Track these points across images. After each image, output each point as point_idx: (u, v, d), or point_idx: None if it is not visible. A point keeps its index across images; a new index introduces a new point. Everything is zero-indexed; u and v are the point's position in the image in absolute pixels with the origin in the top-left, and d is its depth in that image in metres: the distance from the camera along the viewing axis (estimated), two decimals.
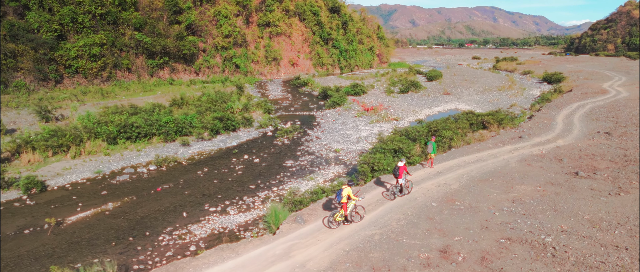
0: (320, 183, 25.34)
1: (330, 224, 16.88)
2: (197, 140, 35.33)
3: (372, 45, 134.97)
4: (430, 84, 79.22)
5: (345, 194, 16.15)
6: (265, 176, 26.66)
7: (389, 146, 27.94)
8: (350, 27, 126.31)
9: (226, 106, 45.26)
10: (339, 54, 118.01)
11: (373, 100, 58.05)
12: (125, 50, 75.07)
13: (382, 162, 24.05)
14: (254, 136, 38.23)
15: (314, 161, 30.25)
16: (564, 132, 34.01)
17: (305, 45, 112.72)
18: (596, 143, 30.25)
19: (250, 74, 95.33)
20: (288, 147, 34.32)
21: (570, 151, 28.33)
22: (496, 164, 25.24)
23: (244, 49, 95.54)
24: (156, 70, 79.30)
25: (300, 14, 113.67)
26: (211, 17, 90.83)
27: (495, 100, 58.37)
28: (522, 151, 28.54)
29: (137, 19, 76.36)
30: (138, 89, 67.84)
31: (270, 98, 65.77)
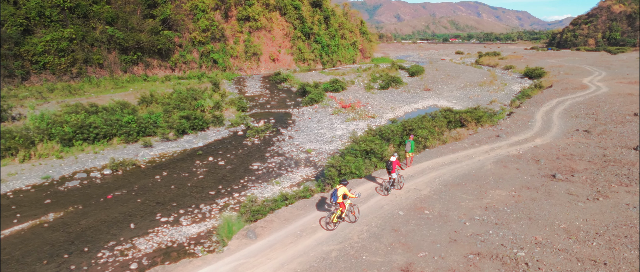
0: (286, 188, 23.77)
1: (327, 226, 16.45)
2: (161, 141, 33.43)
3: (355, 40, 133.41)
4: (412, 80, 78.10)
5: (340, 194, 15.84)
6: (227, 181, 24.98)
7: (361, 147, 26.52)
8: (332, 22, 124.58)
9: (196, 104, 43.30)
10: (321, 49, 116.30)
11: (351, 96, 56.58)
12: (97, 45, 72.25)
13: (350, 165, 22.55)
14: (223, 136, 36.45)
15: (283, 163, 28.64)
16: (542, 131, 32.94)
17: (286, 40, 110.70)
18: (575, 142, 29.19)
19: (229, 70, 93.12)
20: (257, 148, 32.65)
21: (548, 150, 27.20)
22: (471, 166, 23.94)
23: (223, 44, 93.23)
24: (130, 66, 76.64)
25: (281, 8, 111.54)
26: (188, 11, 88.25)
27: (475, 96, 57.36)
28: (499, 151, 27.32)
29: (108, 12, 73.54)
30: (109, 86, 65.36)
31: (247, 94, 63.95)
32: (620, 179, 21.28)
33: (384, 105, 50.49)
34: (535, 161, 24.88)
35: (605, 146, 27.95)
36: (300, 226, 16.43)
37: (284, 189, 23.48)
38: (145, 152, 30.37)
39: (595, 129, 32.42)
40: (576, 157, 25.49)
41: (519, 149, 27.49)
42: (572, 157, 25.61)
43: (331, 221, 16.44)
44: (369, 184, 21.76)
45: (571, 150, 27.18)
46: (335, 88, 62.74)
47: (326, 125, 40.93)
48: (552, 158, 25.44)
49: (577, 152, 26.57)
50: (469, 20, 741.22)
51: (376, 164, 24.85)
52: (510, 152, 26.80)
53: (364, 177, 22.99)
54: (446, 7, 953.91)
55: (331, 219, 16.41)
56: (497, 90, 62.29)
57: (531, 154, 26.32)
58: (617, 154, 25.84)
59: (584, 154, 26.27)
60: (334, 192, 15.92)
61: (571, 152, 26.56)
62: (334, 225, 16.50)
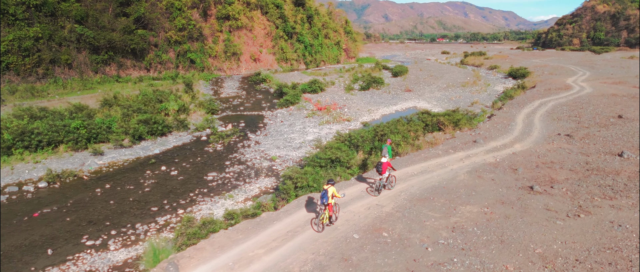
0: (239, 202, 21.43)
1: (317, 227, 16.09)
2: (114, 147, 30.84)
3: (339, 40, 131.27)
4: (394, 80, 76.22)
5: (330, 194, 15.55)
6: (176, 194, 22.55)
7: (326, 155, 24.29)
8: (315, 21, 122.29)
9: (160, 107, 40.73)
10: (304, 48, 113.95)
11: (329, 98, 54.38)
12: (65, 44, 69.06)
13: (306, 177, 20.27)
14: (184, 142, 33.98)
15: (242, 173, 26.28)
16: (522, 135, 31.00)
17: (268, 39, 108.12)
18: (556, 148, 27.26)
19: (208, 70, 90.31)
20: (218, 155, 30.24)
21: (528, 157, 25.21)
22: (442, 177, 21.81)
23: (201, 44, 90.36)
24: (101, 66, 73.51)
25: (263, 6, 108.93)
26: (163, 9, 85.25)
27: (457, 97, 55.50)
28: (474, 158, 25.26)
29: (78, 10, 70.38)
30: (77, 87, 62.33)
31: (222, 96, 61.39)
32: (603, 191, 19.32)
33: (362, 108, 48.34)
34: (512, 170, 22.85)
35: (588, 151, 26.06)
36: (236, 255, 14.08)
37: (237, 204, 21.16)
38: (93, 161, 27.77)
39: (578, 133, 30.56)
40: (557, 166, 23.52)
41: (497, 156, 25.45)
42: (552, 165, 23.63)
43: (321, 222, 16.03)
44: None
45: (552, 157, 25.22)
46: (314, 89, 60.47)
47: (298, 129, 38.66)
48: (531, 166, 23.44)
49: (558, 160, 24.61)
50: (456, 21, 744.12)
51: (340, 175, 22.62)
52: (487, 160, 24.74)
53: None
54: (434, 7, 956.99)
55: (321, 221, 16.02)
56: (479, 91, 60.54)
57: (509, 162, 24.30)
58: (600, 161, 23.93)
59: (565, 161, 24.32)
60: (324, 193, 15.58)
61: (552, 160, 24.59)
62: (323, 226, 16.10)
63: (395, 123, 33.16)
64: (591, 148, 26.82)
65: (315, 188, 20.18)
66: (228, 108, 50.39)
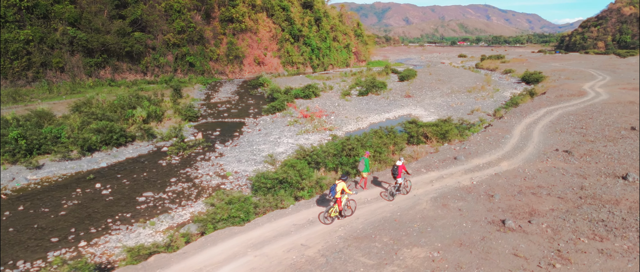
0: (159, 231, 18.23)
1: (325, 220, 16.47)
2: (59, 160, 28.04)
3: (349, 43, 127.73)
4: (399, 85, 72.37)
5: (339, 189, 16.00)
6: (92, 220, 19.48)
7: (274, 175, 20.95)
8: (324, 24, 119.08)
9: (127, 113, 38.02)
10: (311, 52, 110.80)
11: (319, 104, 51.00)
12: (57, 47, 67.50)
13: (229, 208, 16.90)
14: (141, 153, 31.05)
15: (183, 193, 23.11)
16: (514, 150, 27.02)
17: (273, 42, 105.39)
18: (549, 167, 23.27)
19: (208, 74, 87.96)
20: (169, 170, 27.17)
21: (511, 180, 21.34)
22: (399, 205, 18.20)
23: (201, 47, 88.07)
24: (95, 69, 71.76)
25: (268, 9, 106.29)
26: (162, 11, 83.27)
27: (458, 104, 51.40)
28: (448, 180, 21.51)
29: (71, 13, 68.83)
30: (65, 91, 60.42)
31: (213, 101, 58.63)
32: (594, 228, 15.46)
33: (351, 115, 44.78)
34: (488, 197, 19.06)
35: (587, 172, 22.01)
36: None
37: (155, 234, 17.95)
38: (24, 176, 25.01)
39: (579, 149, 26.43)
40: (544, 191, 19.61)
41: (474, 178, 21.64)
42: (538, 190, 19.73)
43: (329, 215, 16.45)
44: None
45: (541, 179, 21.28)
46: (307, 94, 57.17)
47: (272, 139, 35.40)
48: (511, 192, 19.59)
49: (548, 183, 20.68)
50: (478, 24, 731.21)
51: (282, 200, 19.20)
52: (462, 183, 20.97)
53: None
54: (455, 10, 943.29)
55: (329, 214, 16.43)
56: (485, 98, 56.24)
57: (487, 186, 20.48)
58: (598, 185, 19.93)
59: (555, 185, 20.38)
60: (332, 187, 16.00)
61: (539, 183, 20.67)
62: (331, 219, 16.54)
63: (372, 135, 29.58)
64: (591, 168, 22.76)
65: (242, 219, 16.82)
66: (212, 114, 47.50)
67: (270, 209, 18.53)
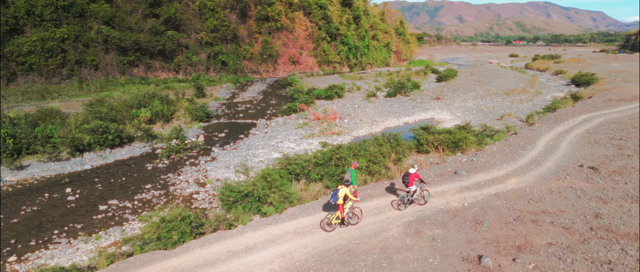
0: (101, 246, 16.62)
1: (326, 227, 15.62)
2: (46, 160, 27.41)
3: (389, 42, 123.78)
4: (434, 86, 68.50)
5: (341, 195, 15.11)
6: (40, 230, 18.22)
7: (239, 188, 18.92)
8: (363, 22, 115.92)
9: (132, 113, 37.33)
10: (348, 50, 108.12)
11: (337, 106, 48.52)
12: (92, 45, 69.05)
13: (160, 227, 14.96)
14: (132, 155, 30.02)
15: (149, 202, 21.54)
16: (530, 165, 23.45)
17: (309, 41, 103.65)
18: (564, 187, 19.73)
19: (241, 72, 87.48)
20: (150, 175, 25.82)
21: (512, 202, 18.10)
22: (363, 231, 15.58)
23: (235, 45, 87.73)
24: (128, 67, 72.94)
25: (305, 7, 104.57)
26: (196, 10, 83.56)
27: (490, 108, 47.25)
28: (436, 200, 18.56)
29: (106, 11, 70.16)
30: (94, 88, 61.42)
31: (237, 100, 57.59)
32: None
33: (367, 118, 42.04)
34: (475, 224, 16.04)
35: (609, 196, 18.37)
36: None
37: (95, 250, 16.34)
38: (3, 177, 24.40)
39: (610, 165, 22.52)
40: (547, 218, 16.32)
41: (467, 199, 18.55)
42: (541, 217, 16.47)
43: (330, 221, 15.63)
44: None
45: (549, 203, 17.91)
46: (329, 95, 54.85)
47: (274, 143, 33.43)
48: (506, 218, 16.45)
49: (555, 208, 17.31)
50: (536, 22, 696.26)
51: (239, 218, 17.10)
52: (450, 204, 17.98)
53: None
54: (512, 7, 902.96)
55: (330, 220, 15.63)
56: (523, 101, 51.52)
57: (479, 209, 17.40)
58: (619, 214, 16.39)
59: (565, 211, 17.00)
60: (334, 193, 15.13)
61: (545, 208, 17.33)
62: (332, 226, 15.69)
63: (371, 142, 26.94)
64: (617, 190, 19.04)
65: (175, 241, 14.85)
66: (227, 115, 46.27)
67: (222, 228, 16.49)
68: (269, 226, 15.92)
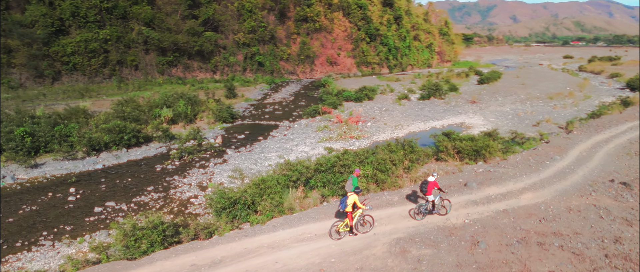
0: (82, 250, 16.37)
1: (334, 235, 15.06)
2: (61, 159, 27.93)
3: (431, 42, 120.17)
4: (474, 89, 65.61)
5: (350, 202, 14.64)
6: (31, 230, 18.25)
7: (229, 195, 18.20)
8: (404, 22, 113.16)
9: (154, 113, 37.70)
10: (388, 51, 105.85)
11: (363, 109, 47.11)
12: (133, 46, 71.22)
13: (126, 239, 14.38)
14: (146, 155, 30.15)
15: (146, 205, 21.25)
16: (553, 177, 21.25)
17: (347, 42, 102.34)
18: (586, 204, 17.62)
19: (277, 73, 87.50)
20: (157, 176, 25.69)
21: (521, 220, 16.27)
22: (342, 248, 14.35)
23: (272, 46, 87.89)
24: (167, 67, 74.67)
25: (345, 7, 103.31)
26: (234, 11, 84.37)
27: (528, 113, 44.30)
28: (435, 215, 17.00)
29: (147, 13, 72.12)
30: (132, 88, 63.07)
31: (268, 101, 57.41)
32: None
33: (392, 122, 40.42)
34: (471, 244, 14.44)
35: (637, 218, 16.15)
36: None
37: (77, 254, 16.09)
38: (16, 175, 25.01)
39: None
40: (557, 241, 14.46)
41: (471, 215, 16.88)
42: (549, 239, 14.62)
43: (337, 230, 15.11)
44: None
45: (563, 223, 15.96)
46: (359, 97, 53.50)
47: (289, 146, 32.67)
48: (509, 239, 14.72)
49: (570, 229, 15.36)
50: (597, 21, 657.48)
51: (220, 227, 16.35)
52: (449, 221, 16.39)
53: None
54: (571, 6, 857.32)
55: (338, 228, 15.10)
56: (566, 106, 48.00)
57: (480, 227, 15.72)
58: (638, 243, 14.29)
59: (580, 233, 15.05)
60: (343, 200, 14.78)
61: (558, 229, 15.42)
62: (339, 235, 15.15)
63: (384, 148, 25.56)
64: None
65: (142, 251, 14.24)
66: (253, 116, 46.02)
67: (202, 237, 15.79)
68: (245, 238, 15.03)
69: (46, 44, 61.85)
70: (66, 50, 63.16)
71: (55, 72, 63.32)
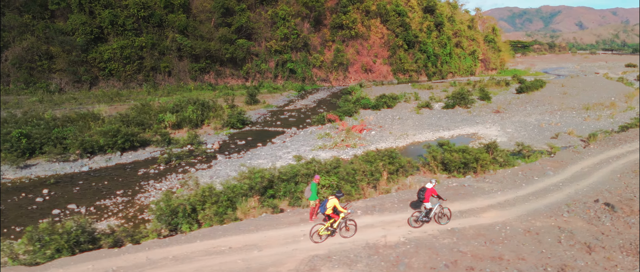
0: None
1: (316, 238, 14.80)
2: (54, 161, 28.86)
3: (475, 49, 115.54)
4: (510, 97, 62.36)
5: (330, 206, 14.61)
6: None
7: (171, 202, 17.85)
8: (445, 29, 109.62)
9: (159, 117, 38.39)
10: (426, 58, 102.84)
11: (373, 117, 45.78)
12: (167, 53, 73.65)
13: (31, 243, 14.21)
14: (137, 159, 30.65)
15: (105, 209, 21.34)
16: (531, 195, 19.17)
17: (384, 49, 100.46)
18: (549, 227, 15.67)
19: (309, 80, 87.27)
20: (136, 180, 25.97)
21: (466, 241, 14.65)
22: (250, 265, 13.42)
23: (304, 53, 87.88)
24: (199, 74, 76.55)
25: (382, 14, 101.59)
26: (268, 19, 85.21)
27: (552, 124, 41.14)
28: (371, 231, 15.69)
29: (182, 21, 74.41)
30: (161, 94, 64.86)
31: (288, 108, 57.23)
32: None
33: (399, 131, 38.91)
34: (389, 266, 13.07)
35: (602, 243, 14.14)
36: None
37: None
38: (2, 175, 26.04)
39: (632, 204, 17.55)
40: (490, 267, 12.82)
41: (412, 233, 15.42)
42: (483, 265, 12.99)
43: (317, 232, 14.84)
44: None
45: (512, 245, 14.22)
46: (377, 105, 52.03)
47: (281, 153, 32.14)
48: (435, 263, 13.20)
49: (513, 254, 13.60)
50: None
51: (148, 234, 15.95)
52: (386, 239, 15.01)
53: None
54: None
55: (319, 231, 14.81)
56: (600, 117, 44.16)
57: (411, 247, 14.27)
58: (596, 270, 12.35)
59: (523, 259, 13.29)
60: (323, 203, 14.80)
61: (500, 253, 13.70)
62: (320, 238, 14.89)
63: (360, 158, 24.38)
64: (619, 237, 14.72)
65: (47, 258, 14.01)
66: (265, 122, 45.90)
67: (127, 243, 15.47)
68: (157, 248, 14.49)
69: (85, 51, 65.21)
70: (103, 57, 66.31)
71: (92, 78, 66.60)
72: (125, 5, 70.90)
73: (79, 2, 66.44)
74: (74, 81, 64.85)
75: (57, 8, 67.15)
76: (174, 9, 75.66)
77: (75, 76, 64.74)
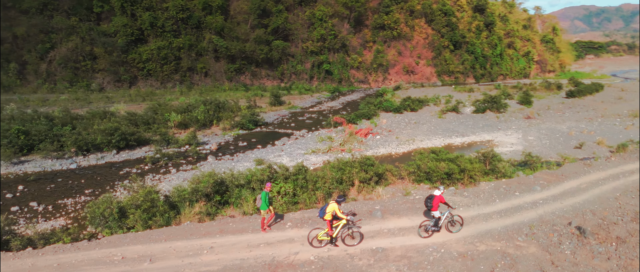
0: None
1: (316, 243, 14.29)
2: (48, 158, 29.68)
3: (529, 51, 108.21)
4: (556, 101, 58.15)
5: (329, 211, 13.83)
6: None
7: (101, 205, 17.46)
8: (496, 29, 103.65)
9: (165, 117, 38.74)
10: (474, 60, 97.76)
11: (386, 121, 43.56)
12: (204, 54, 75.21)
13: None
14: (128, 158, 30.90)
15: (65, 208, 21.37)
16: (497, 213, 16.77)
17: (428, 49, 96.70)
18: (490, 251, 13.49)
19: (346, 82, 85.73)
20: (114, 179, 26.01)
21: (381, 263, 12.92)
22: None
23: (342, 54, 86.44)
24: (234, 75, 77.45)
25: (427, 14, 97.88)
26: (305, 20, 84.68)
27: (583, 132, 37.01)
28: (283, 247, 14.25)
29: (218, 22, 75.71)
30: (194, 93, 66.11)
31: (312, 109, 56.23)
32: None
33: (408, 136, 36.62)
34: None
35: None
36: None
37: None
38: None
39: (616, 230, 14.77)
40: None
41: (325, 252, 13.82)
42: None
43: (316, 237, 14.30)
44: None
45: (435, 270, 12.29)
46: (398, 108, 49.71)
47: (273, 156, 31.12)
48: None
49: None
50: None
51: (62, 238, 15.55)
52: (296, 256, 13.53)
53: None
54: None
55: (316, 236, 14.28)
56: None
57: (317, 267, 12.74)
58: None
59: None
60: (322, 208, 14.11)
61: None
62: (321, 243, 14.29)
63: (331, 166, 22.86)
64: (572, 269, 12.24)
65: None
66: (280, 124, 45.31)
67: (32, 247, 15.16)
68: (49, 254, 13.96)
69: (125, 52, 68.03)
70: (142, 57, 68.82)
71: (131, 77, 69.35)
72: (165, 7, 73.21)
73: (121, 5, 69.36)
74: (114, 81, 67.81)
75: (102, 11, 70.53)
76: (212, 11, 77.13)
77: (116, 76, 67.68)
